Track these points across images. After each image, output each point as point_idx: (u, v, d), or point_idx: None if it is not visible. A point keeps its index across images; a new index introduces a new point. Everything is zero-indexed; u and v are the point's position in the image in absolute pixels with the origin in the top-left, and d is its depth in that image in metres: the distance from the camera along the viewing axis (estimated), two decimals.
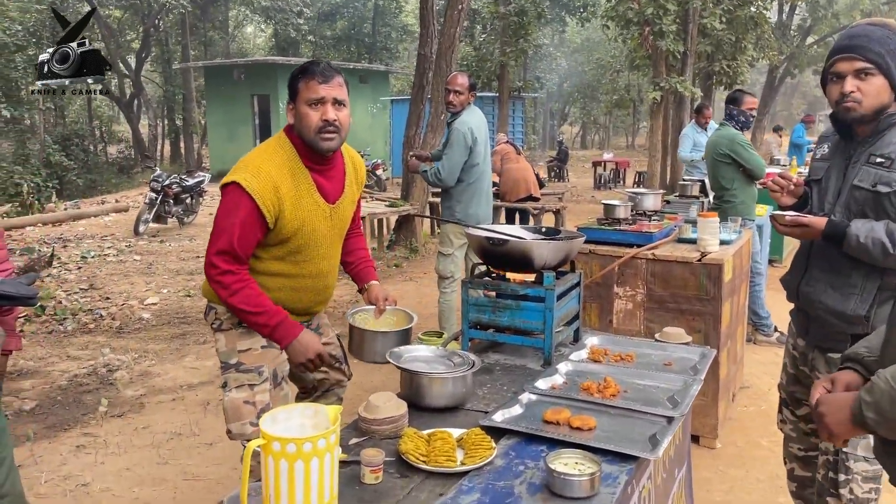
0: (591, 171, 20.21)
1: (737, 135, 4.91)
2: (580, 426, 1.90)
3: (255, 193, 2.13)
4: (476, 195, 4.73)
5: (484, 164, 4.71)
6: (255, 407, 2.31)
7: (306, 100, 2.16)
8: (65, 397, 4.52)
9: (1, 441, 1.95)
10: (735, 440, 3.84)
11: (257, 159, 2.22)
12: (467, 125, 4.59)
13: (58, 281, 7.76)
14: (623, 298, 3.76)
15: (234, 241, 2.15)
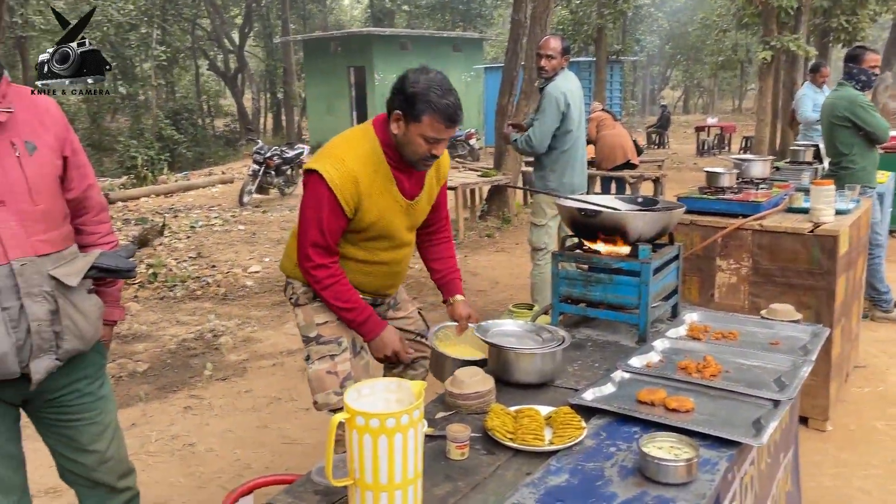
0: (694, 137, 19.36)
1: (857, 95, 4.52)
2: (677, 408, 1.80)
3: (335, 186, 2.13)
4: (570, 164, 4.59)
5: (578, 131, 4.56)
6: (337, 376, 2.35)
7: (424, 134, 2.11)
8: (174, 360, 4.78)
9: (106, 407, 2.03)
10: (847, 423, 3.60)
11: (340, 149, 2.21)
12: (560, 90, 4.44)
13: (168, 249, 8.19)
14: (726, 272, 3.56)
15: (326, 233, 2.19)
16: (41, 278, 1.74)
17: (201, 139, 23.53)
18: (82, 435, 1.97)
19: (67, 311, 1.79)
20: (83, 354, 1.91)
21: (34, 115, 1.79)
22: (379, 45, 19.98)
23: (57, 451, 2.01)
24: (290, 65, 26.83)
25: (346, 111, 20.90)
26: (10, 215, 1.70)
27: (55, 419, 1.95)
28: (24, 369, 1.75)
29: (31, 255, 1.73)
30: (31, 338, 1.73)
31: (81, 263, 1.84)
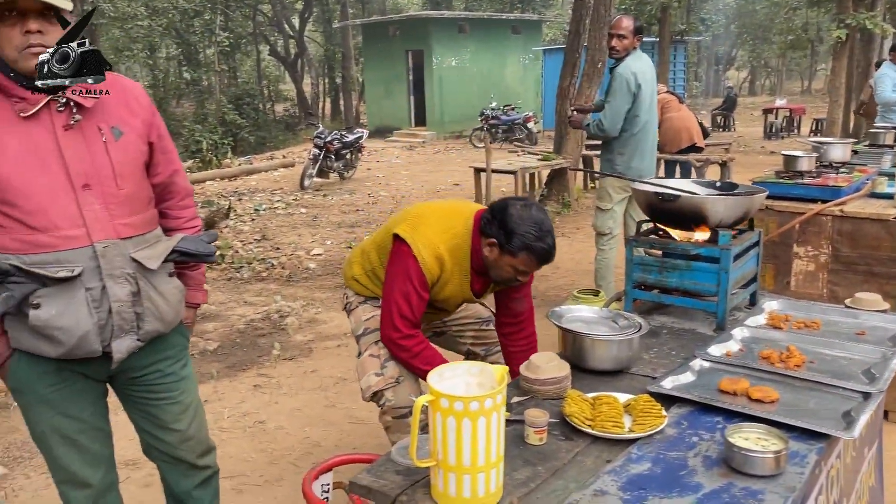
0: (761, 120, 18.74)
1: None
2: (761, 398, 1.75)
3: (426, 267, 2.22)
4: (639, 148, 4.48)
5: (648, 114, 4.45)
6: (379, 359, 2.41)
7: (516, 266, 2.17)
8: (243, 340, 4.90)
9: (187, 387, 2.08)
10: None
11: (435, 231, 2.26)
12: (631, 70, 4.34)
13: (234, 232, 8.39)
14: (804, 259, 3.44)
15: (413, 307, 2.26)
16: (123, 260, 1.78)
17: (262, 124, 23.96)
18: (165, 413, 2.03)
19: (148, 294, 1.84)
20: (165, 335, 1.96)
21: (122, 101, 1.83)
22: (437, 28, 19.92)
23: (141, 427, 2.08)
24: (348, 49, 27.02)
25: (404, 95, 20.95)
26: (95, 198, 1.75)
27: (139, 397, 2.01)
28: (106, 348, 1.80)
29: (113, 238, 1.77)
30: (113, 318, 1.78)
31: (162, 247, 1.88)
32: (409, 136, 20.15)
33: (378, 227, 8.30)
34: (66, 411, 1.87)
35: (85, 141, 1.74)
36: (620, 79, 4.31)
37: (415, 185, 12.04)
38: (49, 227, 1.70)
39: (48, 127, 1.70)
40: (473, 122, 18.76)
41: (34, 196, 1.69)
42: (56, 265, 1.71)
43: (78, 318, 1.72)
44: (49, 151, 1.70)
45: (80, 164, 1.73)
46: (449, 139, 19.87)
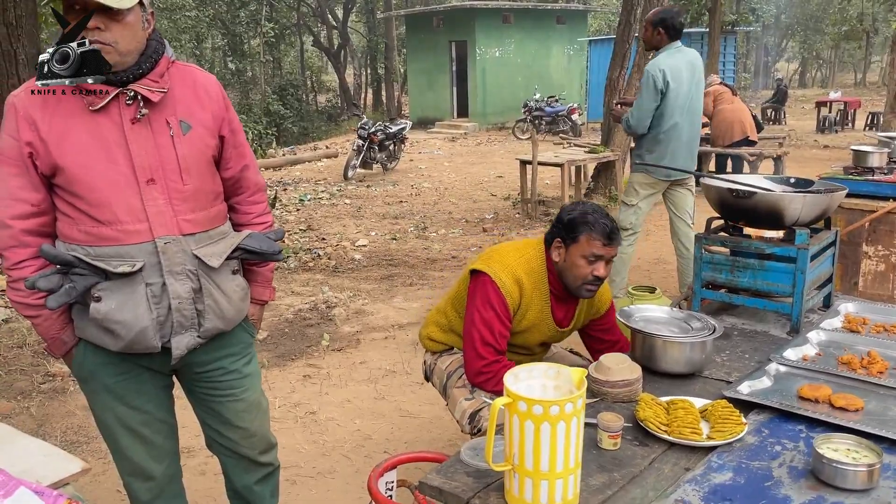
0: (814, 113, 18.20)
1: None
2: (845, 406, 1.68)
3: (505, 289, 2.17)
4: (668, 148, 4.34)
5: (682, 114, 4.30)
6: (466, 388, 2.35)
7: (584, 253, 2.13)
8: (291, 329, 4.93)
9: (251, 384, 2.06)
10: None
11: (511, 256, 2.24)
12: (658, 67, 4.23)
13: (280, 222, 8.45)
14: (873, 258, 3.31)
15: (496, 335, 2.20)
16: (185, 257, 1.77)
17: (305, 114, 24.15)
18: (228, 411, 2.02)
19: (210, 291, 1.82)
20: (229, 332, 1.94)
21: (192, 94, 1.81)
22: (481, 18, 19.78)
23: (205, 422, 2.08)
24: (391, 40, 27.04)
25: (447, 86, 20.88)
26: (159, 193, 1.73)
27: (203, 393, 2.01)
28: (166, 344, 1.79)
29: (175, 234, 1.75)
30: (172, 314, 1.77)
31: (226, 244, 1.86)
32: (452, 127, 20.09)
33: (421, 218, 8.20)
34: (130, 402, 1.88)
35: (152, 134, 1.73)
36: (647, 75, 4.24)
37: (458, 176, 12.00)
38: (112, 221, 1.70)
39: (116, 120, 1.70)
40: (516, 114, 18.62)
41: (99, 189, 1.68)
42: (117, 259, 1.70)
43: (137, 314, 1.72)
44: (116, 144, 1.69)
45: (146, 158, 1.72)
46: (491, 130, 19.76)
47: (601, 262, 2.13)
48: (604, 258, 2.12)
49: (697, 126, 4.48)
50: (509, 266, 2.20)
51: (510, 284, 2.17)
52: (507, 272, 2.19)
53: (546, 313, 2.26)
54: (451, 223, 8.28)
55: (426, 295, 5.59)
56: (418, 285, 5.88)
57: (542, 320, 2.27)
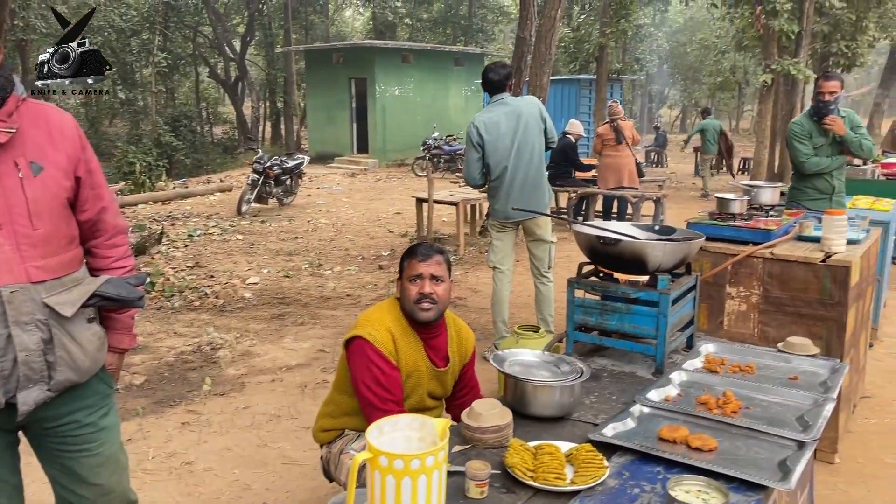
0: (692, 157, 19.39)
1: (792, 124, 4.74)
2: (700, 446, 1.76)
3: (377, 341, 2.23)
4: (501, 193, 4.64)
5: (508, 161, 4.56)
6: (352, 453, 2.38)
7: (408, 276, 2.31)
8: (171, 373, 4.71)
9: (108, 438, 1.94)
10: (855, 455, 3.55)
11: (374, 315, 2.33)
12: (473, 123, 4.62)
13: (166, 258, 8.12)
14: (736, 299, 3.53)
15: (388, 386, 2.22)
16: (34, 306, 1.67)
17: (199, 146, 23.47)
18: (82, 467, 1.89)
19: (62, 341, 1.72)
20: (84, 383, 1.83)
21: (45, 134, 1.72)
22: (381, 57, 20.00)
23: (55, 480, 1.93)
24: (291, 74, 26.85)
25: (347, 122, 20.89)
26: (5, 239, 1.64)
27: (54, 449, 1.87)
28: (11, 399, 1.67)
29: (23, 282, 1.65)
30: (19, 368, 1.65)
31: (80, 292, 1.76)
32: (351, 163, 20.07)
33: (317, 255, 8.06)
34: None
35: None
36: (466, 131, 4.61)
37: (356, 212, 11.95)
38: None
39: None
40: (416, 151, 18.83)
41: None
42: None
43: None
44: None
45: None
46: (391, 167, 19.87)
47: (423, 279, 2.26)
48: (423, 275, 2.26)
49: (536, 170, 4.68)
50: (376, 321, 2.28)
51: (382, 335, 2.23)
52: (376, 326, 2.25)
53: (420, 353, 2.31)
54: (348, 260, 8.22)
55: (317, 335, 5.49)
56: (310, 325, 5.77)
57: (419, 361, 2.31)
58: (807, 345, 2.42)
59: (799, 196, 4.75)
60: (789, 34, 12.75)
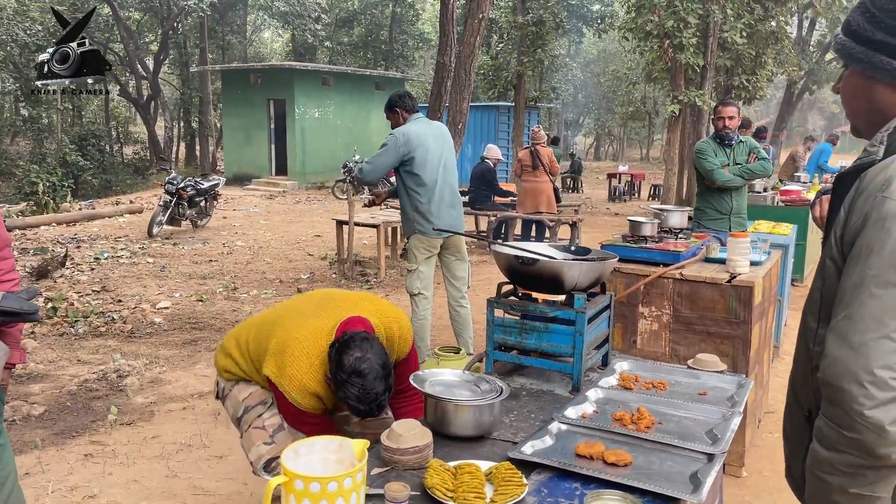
0: (606, 183, 20.07)
1: (698, 144, 5.03)
2: (615, 461, 1.79)
3: (301, 406, 2.24)
4: (432, 206, 4.64)
5: (437, 175, 4.62)
6: (265, 430, 2.39)
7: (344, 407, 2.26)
8: (74, 403, 4.45)
9: (3, 458, 1.87)
10: (761, 468, 3.71)
11: (301, 367, 2.22)
12: (402, 131, 4.60)
13: (70, 282, 7.72)
14: (648, 319, 3.64)
15: (314, 420, 2.27)
16: None
17: (109, 166, 22.56)
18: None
19: None
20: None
21: None
22: (301, 79, 19.84)
23: None
24: (206, 94, 26.26)
25: (265, 143, 20.55)
26: None
27: None
28: None
29: None
30: None
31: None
32: (270, 184, 19.72)
33: (232, 278, 7.82)
34: None
35: None
36: (393, 138, 4.59)
37: (274, 235, 11.72)
38: None
39: None
40: (336, 174, 18.69)
41: None
42: None
43: None
44: None
45: None
46: (311, 189, 19.64)
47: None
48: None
49: (456, 190, 4.78)
50: (301, 384, 2.21)
51: (306, 401, 2.23)
52: (300, 391, 2.21)
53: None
54: (265, 283, 8.03)
55: None
56: None
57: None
58: (714, 361, 2.52)
59: (701, 216, 5.01)
60: (695, 67, 13.44)
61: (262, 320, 2.54)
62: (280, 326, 2.34)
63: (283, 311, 2.50)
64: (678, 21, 12.74)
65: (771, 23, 15.54)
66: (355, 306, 2.36)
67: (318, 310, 2.36)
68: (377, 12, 30.97)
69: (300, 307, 2.44)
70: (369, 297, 2.52)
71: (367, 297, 2.51)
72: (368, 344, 2.11)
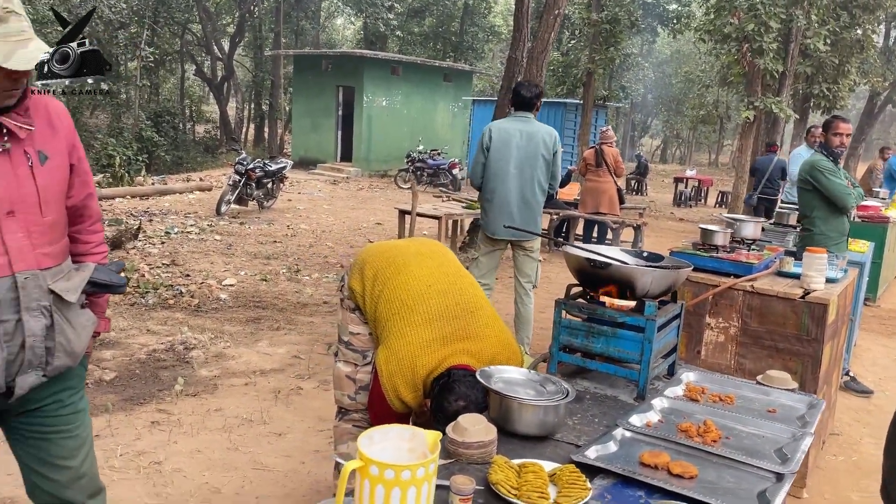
0: (672, 187, 19.67)
1: (819, 159, 4.55)
2: (681, 473, 1.77)
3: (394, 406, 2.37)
4: (490, 205, 4.71)
5: (504, 180, 4.64)
6: (354, 383, 2.61)
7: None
8: (143, 371, 4.63)
9: (83, 420, 1.96)
10: (823, 491, 3.60)
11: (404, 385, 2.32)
12: (488, 126, 4.69)
13: (142, 254, 8.01)
14: (715, 330, 3.57)
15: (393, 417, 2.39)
16: (41, 293, 1.69)
17: (181, 143, 23.27)
18: (59, 448, 1.89)
19: (62, 327, 1.74)
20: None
21: (47, 123, 1.75)
22: (370, 67, 20.04)
23: (28, 465, 1.91)
24: (278, 78, 26.79)
25: (332, 129, 20.87)
26: (19, 226, 1.65)
27: (32, 430, 1.87)
28: (9, 383, 1.68)
29: (34, 269, 1.68)
30: (24, 353, 1.67)
31: (79, 278, 1.80)
32: (334, 170, 20.03)
33: (295, 260, 7.97)
34: None
35: (12, 165, 1.65)
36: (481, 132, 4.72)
37: (336, 220, 11.91)
38: None
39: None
40: (399, 163, 18.86)
41: None
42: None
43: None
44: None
45: (6, 190, 1.63)
46: (374, 177, 19.86)
47: None
48: None
49: (531, 193, 4.72)
50: (399, 393, 2.31)
51: (397, 404, 2.35)
52: (395, 397, 2.32)
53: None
54: (326, 267, 8.17)
55: (293, 340, 5.44)
56: (286, 330, 5.72)
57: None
58: (786, 379, 2.45)
59: (819, 240, 4.44)
60: (773, 73, 13.03)
61: (395, 275, 2.50)
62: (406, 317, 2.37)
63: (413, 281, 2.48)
64: (759, 25, 12.36)
65: (857, 30, 14.96)
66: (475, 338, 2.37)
67: (443, 311, 2.37)
68: (449, 3, 30.96)
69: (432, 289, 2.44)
70: (491, 323, 2.46)
71: (490, 322, 2.46)
72: (469, 388, 2.15)
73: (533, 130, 4.70)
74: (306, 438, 3.78)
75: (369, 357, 2.61)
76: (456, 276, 2.57)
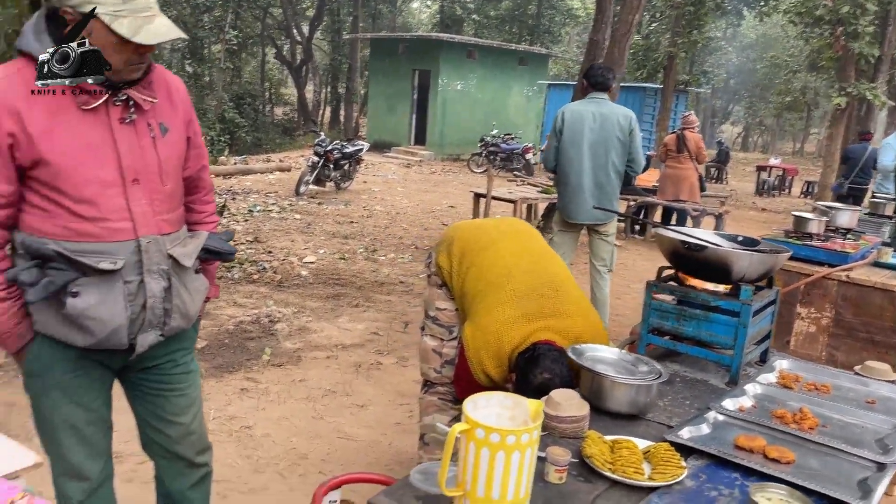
0: (754, 176, 19.01)
1: None
2: (778, 457, 1.75)
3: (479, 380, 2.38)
4: (563, 188, 4.71)
5: (576, 163, 4.61)
6: (440, 357, 2.67)
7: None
8: (231, 341, 4.84)
9: (194, 380, 2.09)
10: None
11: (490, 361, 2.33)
12: (561, 109, 4.67)
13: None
14: (805, 320, 3.48)
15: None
16: (161, 257, 1.80)
17: (261, 125, 23.93)
18: (172, 405, 2.02)
19: (178, 290, 1.85)
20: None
21: (167, 97, 1.85)
22: (446, 51, 20.07)
23: (144, 419, 2.05)
24: (355, 61, 27.13)
25: (407, 113, 21.03)
26: (143, 194, 1.76)
27: (149, 387, 2.00)
28: (132, 341, 1.80)
29: (155, 234, 1.79)
30: (145, 312, 1.79)
31: (194, 245, 1.90)
32: (408, 153, 20.21)
33: (372, 240, 8.11)
34: (79, 399, 1.85)
35: (137, 136, 1.75)
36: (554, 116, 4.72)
37: (410, 202, 12.05)
38: (97, 218, 1.70)
39: (104, 120, 1.71)
40: (473, 147, 18.87)
41: (85, 186, 1.69)
42: (99, 256, 1.71)
43: (114, 311, 1.73)
44: (104, 144, 1.71)
45: (132, 159, 1.74)
46: (447, 161, 19.95)
47: None
48: None
49: (606, 176, 4.67)
50: (485, 368, 2.33)
51: (482, 378, 2.35)
52: (480, 371, 2.34)
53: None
54: (402, 248, 8.30)
55: (371, 317, 5.57)
56: (364, 307, 5.86)
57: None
58: (886, 370, 2.38)
59: None
60: (869, 58, 12.41)
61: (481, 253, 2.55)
62: (493, 294, 2.39)
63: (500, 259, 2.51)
64: (855, 7, 11.77)
65: None
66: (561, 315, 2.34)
67: (529, 289, 2.37)
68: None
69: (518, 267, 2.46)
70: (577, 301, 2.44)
71: (576, 300, 2.44)
72: (554, 361, 2.14)
73: (607, 112, 4.64)
74: (387, 411, 3.88)
75: (455, 332, 2.66)
76: (541, 255, 2.59)
